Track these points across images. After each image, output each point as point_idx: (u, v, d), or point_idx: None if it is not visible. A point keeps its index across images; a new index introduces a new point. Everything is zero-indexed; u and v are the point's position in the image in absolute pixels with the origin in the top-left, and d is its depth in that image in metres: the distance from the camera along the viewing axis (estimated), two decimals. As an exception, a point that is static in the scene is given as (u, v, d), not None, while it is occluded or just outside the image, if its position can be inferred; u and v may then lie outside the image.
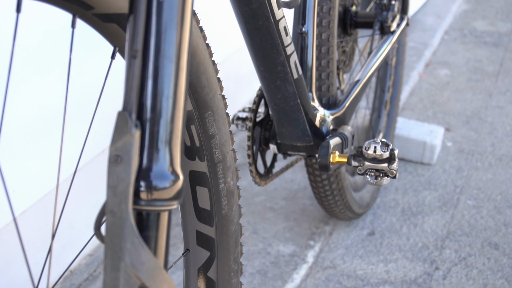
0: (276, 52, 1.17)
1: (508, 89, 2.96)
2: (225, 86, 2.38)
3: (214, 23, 2.18)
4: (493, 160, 2.34)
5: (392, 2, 1.75)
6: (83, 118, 1.51)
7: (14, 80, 1.30)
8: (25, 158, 1.42)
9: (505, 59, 3.31)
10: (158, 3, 0.61)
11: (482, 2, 4.30)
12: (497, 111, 2.73)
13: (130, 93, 0.60)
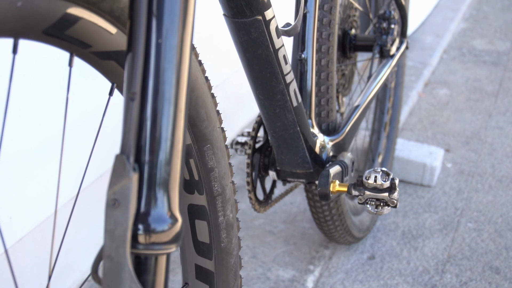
0: (276, 80, 1.17)
1: (507, 109, 2.95)
2: (224, 107, 2.39)
3: (214, 44, 2.18)
4: (493, 182, 2.33)
5: (392, 26, 1.75)
6: (80, 145, 1.50)
7: (11, 107, 1.30)
8: (21, 185, 1.41)
9: (504, 79, 3.31)
10: (157, 44, 0.60)
11: (480, 20, 4.31)
12: (497, 132, 2.73)
13: (128, 135, 0.59)
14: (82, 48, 0.68)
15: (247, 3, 1.02)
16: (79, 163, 1.52)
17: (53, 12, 0.61)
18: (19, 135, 1.35)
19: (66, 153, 1.48)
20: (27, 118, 1.36)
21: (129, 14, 0.61)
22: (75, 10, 0.63)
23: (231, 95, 2.44)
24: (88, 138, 1.53)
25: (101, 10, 0.66)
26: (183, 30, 0.62)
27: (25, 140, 1.37)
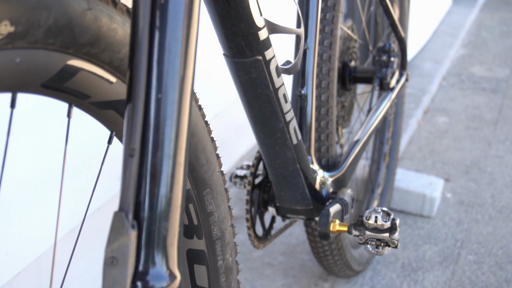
0: (276, 119, 1.16)
1: (507, 137, 2.95)
2: (223, 136, 2.38)
3: (213, 74, 2.17)
4: (493, 213, 2.32)
5: (391, 59, 1.75)
6: (77, 180, 1.49)
7: (10, 142, 1.29)
8: (18, 220, 1.39)
9: (503, 106, 3.31)
10: (157, 99, 0.59)
11: (479, 47, 4.32)
12: (497, 161, 2.72)
13: (127, 192, 0.59)
14: (81, 99, 0.67)
15: (248, 44, 1.01)
16: (76, 198, 1.51)
17: (52, 65, 0.60)
18: (16, 171, 1.34)
19: (64, 189, 1.47)
20: (25, 154, 1.35)
21: (129, 65, 0.61)
22: (75, 62, 0.63)
23: (230, 123, 2.44)
24: (84, 174, 1.52)
25: (100, 61, 0.66)
26: (183, 84, 0.61)
27: (23, 176, 1.36)
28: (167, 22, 0.59)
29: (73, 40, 0.60)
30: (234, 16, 0.96)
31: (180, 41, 0.60)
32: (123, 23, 0.67)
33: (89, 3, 0.61)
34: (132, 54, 0.60)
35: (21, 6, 0.53)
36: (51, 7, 0.57)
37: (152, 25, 0.59)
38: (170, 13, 0.59)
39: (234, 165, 2.52)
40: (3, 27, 0.52)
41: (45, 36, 0.57)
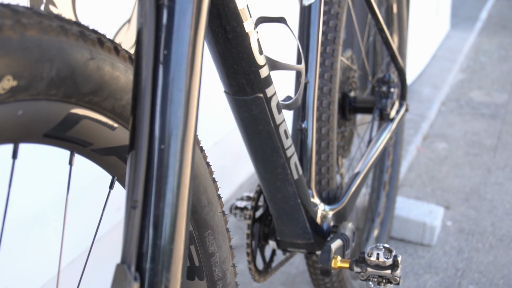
0: (277, 155, 1.16)
1: (506, 164, 2.95)
2: (223, 165, 2.38)
3: (213, 102, 2.17)
4: (494, 241, 2.31)
5: (391, 89, 1.75)
6: (78, 210, 1.49)
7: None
8: (17, 254, 1.39)
9: (502, 132, 3.31)
10: (160, 150, 0.59)
11: (477, 71, 4.34)
12: (496, 188, 2.72)
13: (129, 244, 0.58)
14: (83, 146, 0.67)
15: (249, 82, 1.01)
16: (75, 231, 1.50)
17: (55, 115, 0.60)
18: (16, 205, 1.33)
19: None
20: (26, 188, 1.34)
21: (132, 112, 0.61)
22: (77, 110, 0.63)
23: (230, 152, 2.43)
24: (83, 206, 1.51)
25: (102, 108, 0.65)
26: (186, 134, 0.61)
27: (23, 210, 1.36)
28: (170, 73, 0.59)
29: (75, 90, 0.60)
30: (236, 55, 0.96)
31: (183, 92, 0.60)
32: (125, 70, 0.67)
33: (92, 53, 0.61)
34: (135, 103, 0.60)
35: (24, 60, 0.53)
36: (54, 59, 0.56)
37: (155, 75, 0.59)
38: (173, 64, 0.59)
39: (234, 192, 2.52)
40: (6, 82, 0.52)
41: (48, 87, 0.57)
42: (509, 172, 2.86)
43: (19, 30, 0.53)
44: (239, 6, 0.92)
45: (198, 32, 0.61)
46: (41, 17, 0.56)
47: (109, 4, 1.48)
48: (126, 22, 1.57)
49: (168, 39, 0.59)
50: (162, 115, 0.59)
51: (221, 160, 2.39)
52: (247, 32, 0.95)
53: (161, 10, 0.59)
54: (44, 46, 0.55)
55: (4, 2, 0.56)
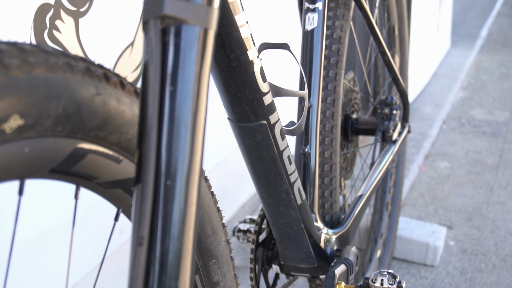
0: (280, 180, 1.16)
1: (508, 183, 2.94)
2: (225, 185, 2.38)
3: (215, 122, 2.18)
4: (497, 261, 2.31)
5: (394, 111, 1.75)
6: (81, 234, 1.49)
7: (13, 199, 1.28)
8: (21, 278, 1.38)
9: (504, 151, 3.31)
10: (166, 186, 0.59)
11: (479, 89, 4.34)
12: (499, 207, 2.71)
13: (135, 281, 0.58)
14: (88, 180, 0.67)
15: (252, 109, 1.01)
16: (78, 255, 1.50)
17: (61, 151, 0.60)
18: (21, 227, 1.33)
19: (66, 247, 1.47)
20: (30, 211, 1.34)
21: (138, 145, 0.61)
22: (83, 145, 0.63)
23: (232, 172, 2.43)
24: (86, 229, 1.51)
25: (108, 142, 0.66)
26: (192, 170, 0.61)
27: (27, 232, 1.36)
28: (176, 109, 0.60)
29: (81, 126, 0.61)
30: (239, 83, 0.97)
31: (189, 128, 0.60)
32: (131, 104, 0.67)
33: (98, 88, 0.62)
34: (141, 138, 0.60)
35: (31, 98, 0.54)
36: (61, 97, 0.57)
37: (161, 112, 0.60)
38: (178, 100, 0.60)
39: (236, 212, 2.52)
40: (13, 121, 0.52)
41: (54, 124, 0.57)
42: (511, 191, 2.86)
43: (26, 69, 0.53)
44: (243, 35, 0.92)
45: (204, 68, 0.61)
46: (48, 55, 0.57)
47: (112, 28, 1.49)
48: (129, 45, 1.58)
49: (174, 75, 0.59)
50: (168, 151, 0.60)
51: (223, 181, 2.39)
52: (251, 60, 0.95)
53: (167, 47, 0.60)
54: (51, 84, 0.56)
55: (11, 40, 0.56)
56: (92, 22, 1.41)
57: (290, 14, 2.52)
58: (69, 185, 0.68)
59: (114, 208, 0.75)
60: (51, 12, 1.32)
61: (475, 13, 6.79)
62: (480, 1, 7.52)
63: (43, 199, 1.37)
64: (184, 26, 0.60)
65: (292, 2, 2.35)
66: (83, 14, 1.41)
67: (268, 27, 2.42)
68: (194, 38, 0.60)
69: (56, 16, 1.33)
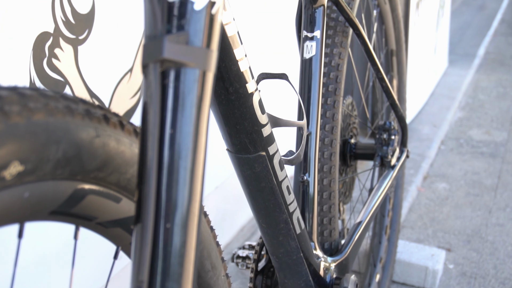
0: (279, 211, 1.16)
1: (507, 204, 2.94)
2: (224, 208, 2.38)
3: (214, 146, 2.18)
4: (496, 284, 2.30)
5: (392, 137, 1.75)
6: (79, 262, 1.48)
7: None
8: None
9: (502, 172, 3.31)
10: (166, 229, 0.59)
11: (476, 109, 4.35)
12: (498, 229, 2.71)
13: (134, 325, 0.58)
14: (88, 221, 0.67)
15: (251, 141, 1.02)
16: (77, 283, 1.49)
17: (61, 193, 0.60)
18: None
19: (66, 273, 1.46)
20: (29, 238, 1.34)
21: (137, 186, 0.61)
22: (83, 187, 0.63)
23: (231, 195, 2.43)
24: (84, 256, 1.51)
25: (107, 182, 0.66)
26: (191, 213, 0.61)
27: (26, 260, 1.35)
28: (175, 152, 0.60)
29: (81, 168, 0.61)
30: (238, 116, 0.97)
31: (188, 171, 0.60)
32: (130, 144, 0.67)
33: (97, 130, 0.62)
34: (140, 179, 0.60)
35: (31, 144, 0.54)
36: (61, 141, 0.57)
37: (161, 155, 0.60)
38: (178, 143, 0.60)
39: (235, 235, 2.51)
40: (13, 168, 0.53)
41: (54, 168, 0.57)
42: (510, 213, 2.86)
43: (26, 115, 0.54)
44: (242, 68, 0.93)
45: (203, 110, 0.62)
46: (48, 99, 0.57)
47: (111, 54, 1.49)
48: (128, 71, 1.58)
49: (174, 119, 0.60)
50: (168, 195, 0.60)
51: (222, 204, 2.39)
52: (249, 93, 0.96)
53: (167, 90, 0.60)
54: (51, 129, 0.56)
55: (11, 85, 0.56)
56: (91, 49, 1.42)
57: (288, 15, 2.53)
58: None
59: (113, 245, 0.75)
60: (50, 40, 1.32)
61: (472, 31, 6.82)
62: (477, 19, 7.56)
63: (42, 239, 1.37)
64: (184, 69, 0.60)
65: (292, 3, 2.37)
66: (82, 42, 1.41)
67: (265, 55, 2.43)
68: (194, 81, 0.60)
69: (55, 45, 1.34)
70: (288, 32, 2.51)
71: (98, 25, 1.43)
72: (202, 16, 0.61)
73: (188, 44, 0.60)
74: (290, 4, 2.52)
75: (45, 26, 1.30)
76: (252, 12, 2.29)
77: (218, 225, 2.39)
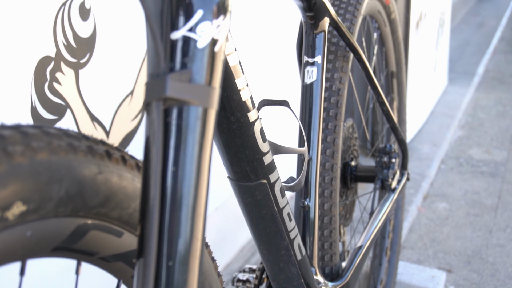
0: (280, 237, 1.15)
1: (507, 225, 2.94)
2: (224, 228, 2.38)
3: (214, 168, 2.18)
4: (497, 307, 2.30)
5: (392, 160, 1.76)
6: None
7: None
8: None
9: (502, 191, 3.31)
10: (168, 266, 0.59)
11: (476, 128, 4.35)
12: (498, 250, 2.70)
13: None
14: (90, 256, 0.67)
15: (253, 169, 1.02)
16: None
17: (63, 230, 0.60)
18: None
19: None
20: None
21: (140, 221, 0.61)
22: (84, 223, 0.63)
23: (231, 216, 2.43)
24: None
25: (109, 217, 0.66)
26: (192, 251, 0.61)
27: None
28: (177, 190, 0.60)
29: (84, 205, 0.61)
30: (240, 144, 0.97)
31: (190, 208, 0.60)
32: (132, 178, 0.67)
33: (100, 167, 0.62)
34: (143, 216, 0.60)
35: (34, 184, 0.54)
36: (63, 179, 0.57)
37: (163, 192, 0.60)
38: (180, 180, 0.60)
39: (235, 256, 2.51)
40: (16, 208, 0.53)
41: (57, 206, 0.57)
42: (510, 233, 2.85)
43: (29, 155, 0.54)
44: (243, 98, 0.93)
45: (205, 147, 0.62)
46: (51, 137, 0.57)
47: (112, 77, 1.50)
48: (129, 94, 1.59)
49: (177, 156, 0.60)
50: (170, 231, 0.60)
51: (222, 225, 2.39)
52: (251, 122, 0.96)
53: (169, 128, 0.60)
54: (54, 168, 0.56)
55: (15, 123, 0.56)
56: (92, 72, 1.42)
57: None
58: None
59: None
60: (52, 64, 1.33)
61: (471, 49, 6.83)
62: (477, 37, 7.58)
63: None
64: (186, 107, 0.60)
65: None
66: (83, 65, 1.41)
67: (267, 82, 2.43)
68: (196, 118, 0.61)
69: (56, 69, 1.34)
70: (289, 57, 2.52)
71: (99, 48, 1.44)
72: (205, 54, 0.61)
73: (191, 82, 0.60)
74: (291, 29, 2.53)
75: (46, 51, 1.30)
76: (253, 36, 2.30)
77: (218, 245, 2.39)
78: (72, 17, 1.36)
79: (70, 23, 1.36)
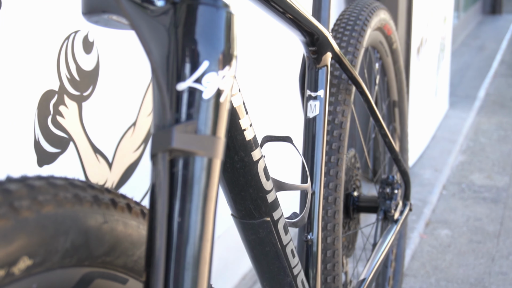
0: (284, 274, 1.15)
1: (510, 252, 2.93)
2: (226, 257, 2.37)
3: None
4: (501, 336, 2.28)
5: (395, 191, 1.76)
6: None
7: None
8: None
9: (505, 218, 3.30)
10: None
11: (478, 153, 4.36)
12: (501, 278, 2.69)
13: None
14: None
15: (256, 207, 1.02)
16: None
17: (69, 280, 0.60)
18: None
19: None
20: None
21: (145, 268, 0.61)
22: (90, 272, 0.63)
23: (233, 244, 2.42)
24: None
25: (114, 265, 0.66)
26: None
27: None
28: (183, 241, 0.60)
29: (89, 255, 0.61)
30: (243, 183, 0.97)
31: (196, 258, 0.60)
32: (138, 226, 0.67)
33: (105, 216, 0.62)
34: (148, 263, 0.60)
35: (40, 238, 0.54)
36: (69, 231, 0.57)
37: (169, 243, 0.60)
38: (186, 231, 0.60)
39: (237, 284, 2.50)
40: (22, 263, 0.52)
41: (62, 258, 0.57)
42: (513, 261, 2.85)
43: (36, 209, 0.54)
44: (247, 137, 0.93)
45: (211, 197, 0.62)
46: (57, 189, 0.57)
47: (115, 109, 1.50)
48: (132, 125, 1.59)
49: (182, 207, 0.60)
50: (176, 281, 0.60)
51: (224, 253, 2.38)
52: (254, 161, 0.96)
53: (175, 178, 0.60)
54: (59, 220, 0.56)
55: (20, 176, 0.57)
56: (95, 105, 1.43)
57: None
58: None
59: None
60: (55, 98, 1.33)
61: (472, 73, 6.85)
62: (477, 60, 7.60)
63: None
64: (192, 158, 0.60)
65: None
66: (86, 98, 1.42)
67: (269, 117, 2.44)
68: (202, 169, 0.61)
69: (59, 102, 1.34)
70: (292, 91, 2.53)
71: (102, 81, 1.44)
72: (211, 104, 0.62)
73: (197, 133, 0.60)
74: (293, 63, 2.55)
75: (50, 84, 1.31)
76: (256, 70, 2.31)
77: (220, 274, 2.38)
78: (76, 50, 1.37)
79: (73, 56, 1.37)
